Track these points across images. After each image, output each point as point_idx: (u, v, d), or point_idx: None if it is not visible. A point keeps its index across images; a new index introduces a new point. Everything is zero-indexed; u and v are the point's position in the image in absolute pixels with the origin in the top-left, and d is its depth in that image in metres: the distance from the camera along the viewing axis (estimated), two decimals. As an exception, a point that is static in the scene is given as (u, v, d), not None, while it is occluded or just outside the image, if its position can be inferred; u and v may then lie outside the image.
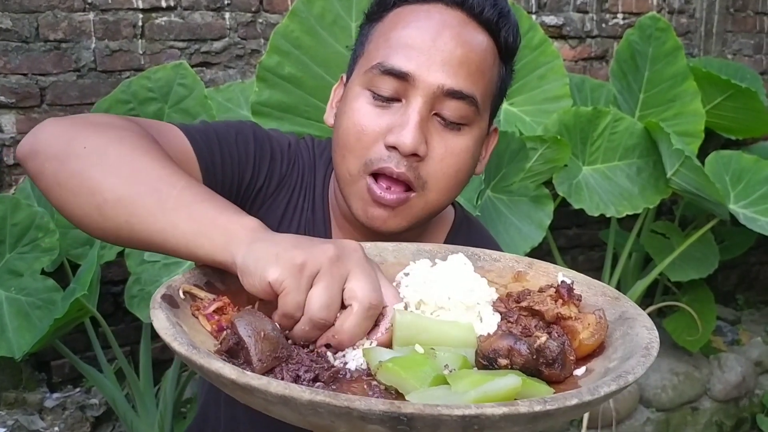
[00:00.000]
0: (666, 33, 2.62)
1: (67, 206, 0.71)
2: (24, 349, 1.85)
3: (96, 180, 0.68)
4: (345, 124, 0.84)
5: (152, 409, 2.16)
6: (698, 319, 2.76)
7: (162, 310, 0.56)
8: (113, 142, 0.71)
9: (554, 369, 0.56)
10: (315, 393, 0.44)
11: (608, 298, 0.67)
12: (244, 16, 2.46)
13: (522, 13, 2.47)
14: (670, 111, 2.66)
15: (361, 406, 0.43)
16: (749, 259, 3.56)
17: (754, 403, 2.99)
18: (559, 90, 2.48)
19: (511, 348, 0.56)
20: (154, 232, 0.67)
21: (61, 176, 0.70)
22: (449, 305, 0.64)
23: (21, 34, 2.17)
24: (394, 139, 0.80)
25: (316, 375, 0.55)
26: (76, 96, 2.26)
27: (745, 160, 2.64)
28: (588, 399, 0.47)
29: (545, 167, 2.30)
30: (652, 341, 0.57)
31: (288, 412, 0.46)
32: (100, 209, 0.68)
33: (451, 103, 0.82)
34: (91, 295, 1.89)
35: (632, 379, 0.51)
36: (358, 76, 0.85)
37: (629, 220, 2.72)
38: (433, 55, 0.81)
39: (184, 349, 0.50)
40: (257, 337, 0.55)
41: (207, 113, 2.02)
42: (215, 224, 0.64)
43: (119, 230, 0.69)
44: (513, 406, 0.44)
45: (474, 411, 0.43)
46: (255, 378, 0.46)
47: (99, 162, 0.69)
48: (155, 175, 0.68)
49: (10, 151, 2.22)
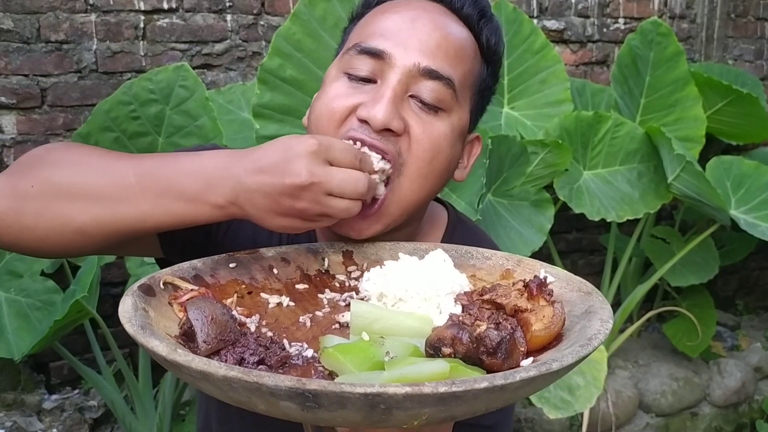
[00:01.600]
0: (667, 38, 2.63)
1: (47, 243, 0.73)
2: (23, 350, 1.85)
3: (63, 210, 0.71)
4: (318, 107, 0.82)
5: (151, 411, 2.16)
6: (698, 325, 2.76)
7: (132, 296, 0.59)
8: (53, 169, 0.73)
9: (496, 358, 0.55)
10: (229, 369, 0.46)
11: (582, 293, 0.67)
12: (246, 18, 2.46)
13: (523, 17, 2.47)
14: (671, 116, 2.67)
15: (269, 382, 0.45)
16: (749, 265, 3.56)
17: (753, 409, 2.99)
18: (560, 94, 2.48)
19: (455, 337, 0.56)
20: (142, 223, 0.70)
21: (26, 220, 0.72)
22: (407, 297, 0.65)
23: (22, 34, 2.17)
24: (365, 112, 0.78)
25: (261, 358, 0.57)
26: (77, 97, 2.26)
27: (746, 166, 2.64)
28: (500, 383, 0.46)
29: (546, 171, 2.30)
30: (599, 333, 0.56)
31: (211, 387, 0.49)
32: (83, 233, 0.71)
33: (428, 83, 0.80)
34: (91, 297, 1.88)
35: (557, 366, 0.50)
36: (335, 63, 0.85)
37: (629, 224, 2.72)
38: (411, 35, 0.80)
39: (133, 329, 0.54)
40: (205, 320, 0.58)
41: (208, 115, 2.02)
42: (182, 188, 0.69)
43: (109, 240, 0.72)
44: (417, 386, 0.44)
45: (377, 389, 0.44)
46: (181, 355, 0.49)
47: (55, 194, 0.71)
48: (107, 181, 0.71)
49: (10, 152, 2.21)
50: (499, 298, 0.64)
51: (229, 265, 0.71)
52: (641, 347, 3.02)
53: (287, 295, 0.71)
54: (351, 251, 0.78)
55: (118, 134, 1.99)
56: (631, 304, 2.78)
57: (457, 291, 0.67)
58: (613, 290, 2.83)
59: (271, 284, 0.72)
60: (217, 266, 0.71)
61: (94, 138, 1.96)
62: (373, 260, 0.77)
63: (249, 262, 0.73)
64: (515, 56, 2.47)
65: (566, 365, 0.50)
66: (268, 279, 0.72)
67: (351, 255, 0.78)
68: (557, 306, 0.62)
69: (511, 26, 2.45)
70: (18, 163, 0.76)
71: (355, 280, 0.75)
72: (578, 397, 2.25)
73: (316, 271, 0.76)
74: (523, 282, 0.65)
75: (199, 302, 0.60)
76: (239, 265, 0.72)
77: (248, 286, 0.70)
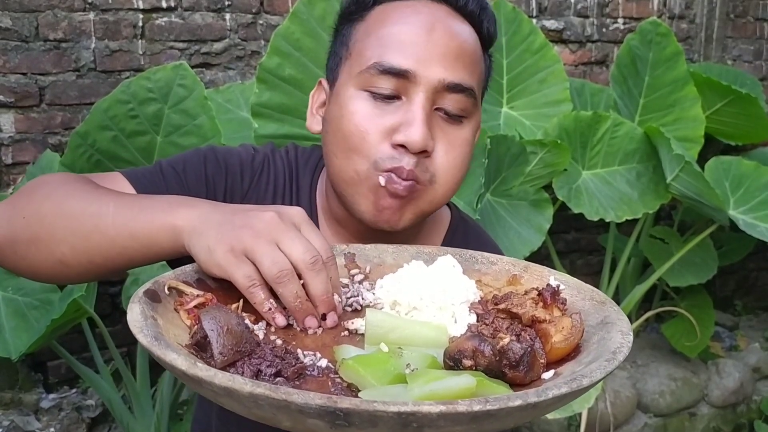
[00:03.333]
0: (666, 38, 2.62)
1: (38, 272, 0.78)
2: (21, 349, 1.85)
3: (47, 241, 0.74)
4: (346, 127, 0.82)
5: (149, 410, 2.15)
6: (696, 325, 2.76)
7: (139, 303, 0.58)
8: (43, 202, 0.76)
9: (518, 371, 0.55)
10: (256, 386, 0.45)
11: (595, 303, 0.66)
12: (245, 17, 2.45)
13: (523, 17, 2.47)
14: (670, 116, 2.66)
15: (299, 400, 0.43)
16: (748, 265, 3.56)
17: (751, 409, 2.99)
18: (559, 94, 2.47)
19: (476, 349, 0.55)
20: (116, 257, 0.73)
21: (19, 250, 0.76)
22: (422, 306, 0.64)
23: (21, 33, 2.17)
24: (403, 137, 0.79)
25: (278, 370, 0.56)
26: (76, 96, 2.26)
27: (744, 166, 2.64)
28: (534, 401, 0.46)
29: (545, 171, 2.30)
30: (623, 346, 0.56)
31: (234, 404, 0.48)
32: (63, 263, 0.75)
33: (452, 97, 0.82)
34: (89, 296, 1.88)
35: (587, 383, 0.50)
36: (351, 78, 0.84)
37: (628, 224, 2.72)
38: (430, 49, 0.80)
39: (147, 340, 0.52)
40: (220, 331, 0.56)
41: (207, 114, 2.01)
42: (156, 228, 0.71)
43: (89, 272, 0.76)
44: (451, 405, 0.44)
45: (410, 408, 0.43)
46: (203, 370, 0.47)
47: (41, 225, 0.75)
48: (87, 213, 0.74)
49: (8, 151, 2.21)
50: (514, 307, 0.64)
51: None
52: (640, 347, 3.02)
53: None
54: (353, 254, 0.77)
55: (116, 133, 1.98)
56: (629, 304, 2.78)
57: (471, 299, 0.67)
58: (611, 290, 2.83)
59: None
60: None
61: (92, 137, 1.96)
62: (375, 263, 0.76)
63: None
64: (514, 56, 2.46)
65: (595, 380, 0.50)
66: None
67: (353, 258, 0.77)
68: (575, 317, 0.61)
69: (510, 26, 2.44)
70: (20, 191, 0.81)
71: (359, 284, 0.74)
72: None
73: None
74: (537, 290, 0.65)
75: (212, 311, 0.58)
76: None
77: None
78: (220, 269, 0.64)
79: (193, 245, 0.67)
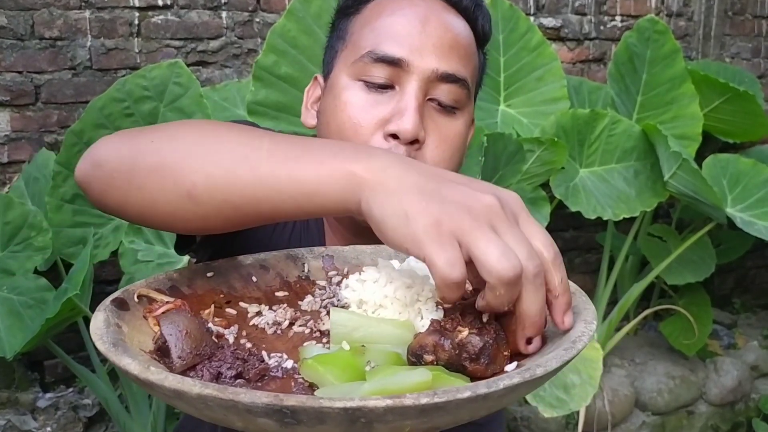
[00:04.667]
0: (664, 36, 2.62)
1: (155, 208, 0.63)
2: (16, 348, 1.84)
3: (177, 167, 0.61)
4: (339, 118, 0.82)
5: (145, 409, 2.15)
6: (694, 323, 2.76)
7: (104, 312, 0.57)
8: (179, 128, 0.65)
9: (479, 364, 0.54)
10: (204, 387, 0.44)
11: None
12: (241, 15, 2.45)
13: (520, 14, 2.46)
14: (668, 114, 2.66)
15: (245, 399, 0.43)
16: (746, 263, 3.56)
17: (750, 408, 2.99)
18: (556, 92, 2.47)
19: (436, 343, 0.54)
20: (260, 202, 0.59)
21: (137, 178, 0.63)
22: (387, 303, 0.63)
23: (16, 31, 2.16)
24: (395, 127, 0.79)
25: (239, 372, 0.56)
26: (71, 94, 2.25)
27: (742, 164, 2.64)
28: (483, 392, 0.45)
29: (542, 169, 2.30)
30: (583, 335, 0.54)
31: (186, 406, 0.47)
32: (191, 196, 0.60)
33: (445, 87, 0.82)
34: (84, 295, 1.87)
35: (541, 372, 0.48)
36: (345, 68, 0.84)
37: (626, 223, 2.72)
38: (424, 40, 0.81)
39: (104, 347, 0.51)
40: (179, 335, 0.56)
41: (203, 112, 2.01)
42: (325, 173, 0.56)
43: (220, 212, 0.61)
44: (398, 399, 0.43)
45: (357, 403, 0.43)
46: (154, 374, 0.47)
47: (173, 149, 0.62)
48: (235, 142, 0.60)
49: (4, 149, 2.20)
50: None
51: (207, 275, 0.70)
52: (638, 345, 3.02)
53: (266, 304, 0.69)
54: (331, 256, 0.77)
55: (111, 131, 1.97)
56: (627, 302, 2.78)
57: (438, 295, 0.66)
58: (609, 288, 2.83)
59: (250, 292, 0.70)
60: (194, 276, 0.69)
61: (87, 135, 1.95)
62: (354, 264, 0.76)
63: (227, 271, 0.71)
64: (511, 54, 2.46)
65: (550, 370, 0.49)
66: (246, 287, 0.71)
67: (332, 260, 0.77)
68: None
69: (507, 23, 2.44)
70: (144, 127, 0.70)
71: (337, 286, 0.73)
72: (574, 396, 2.24)
73: (296, 278, 0.74)
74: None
75: (172, 316, 0.58)
76: (216, 274, 0.70)
77: (226, 296, 0.69)
78: (415, 244, 0.50)
79: (377, 205, 0.52)
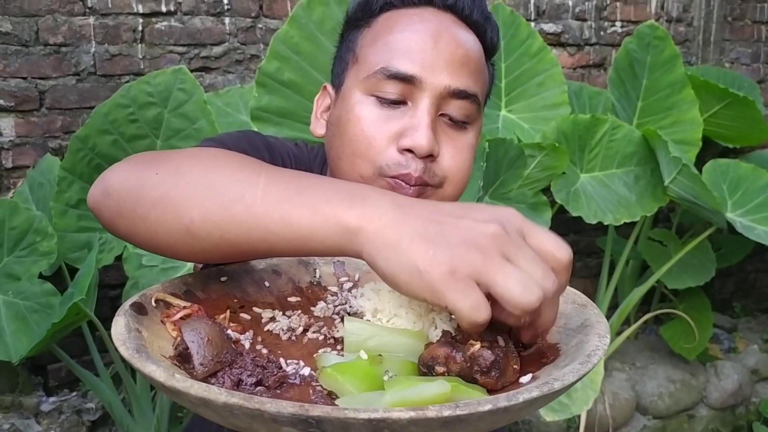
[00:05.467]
0: (664, 41, 2.63)
1: (157, 239, 0.65)
2: (21, 353, 1.85)
3: (178, 202, 0.63)
4: (352, 131, 0.83)
5: (149, 413, 2.16)
6: (695, 327, 2.77)
7: (124, 317, 0.58)
8: (185, 160, 0.66)
9: (490, 377, 0.55)
10: (230, 396, 0.45)
11: (576, 306, 0.66)
12: (244, 22, 2.46)
13: (521, 20, 2.48)
14: (668, 119, 2.67)
15: (271, 409, 0.44)
16: (746, 267, 3.57)
17: (750, 411, 2.99)
18: (557, 97, 2.48)
19: (448, 355, 0.56)
20: (256, 242, 0.60)
21: (141, 209, 0.65)
22: (402, 313, 0.64)
23: (21, 37, 2.18)
24: (410, 142, 0.80)
25: (259, 379, 0.56)
26: (75, 100, 2.27)
27: (742, 169, 2.65)
28: (504, 405, 0.46)
29: (543, 174, 2.31)
30: (598, 349, 0.55)
31: (212, 413, 0.48)
32: (189, 231, 0.62)
33: (457, 103, 0.83)
34: (89, 299, 1.88)
35: (558, 386, 0.49)
36: (357, 83, 0.85)
37: (627, 227, 2.73)
38: (436, 56, 0.82)
39: (128, 353, 0.52)
40: (201, 342, 0.56)
41: (206, 118, 2.02)
42: (319, 221, 0.56)
43: (218, 248, 0.62)
44: (421, 411, 0.44)
45: (381, 414, 0.44)
46: (180, 381, 0.47)
47: (176, 183, 0.63)
48: (234, 178, 0.62)
49: (8, 155, 2.22)
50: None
51: (220, 279, 0.70)
52: (638, 349, 3.03)
53: (280, 309, 0.70)
54: (342, 262, 0.77)
55: (116, 137, 1.99)
56: (628, 306, 2.79)
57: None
58: (610, 293, 2.84)
59: (263, 297, 0.71)
60: (208, 281, 0.69)
61: (92, 141, 1.97)
62: (365, 271, 0.76)
63: (240, 276, 0.72)
64: (512, 59, 2.47)
65: (567, 384, 0.50)
66: (259, 292, 0.71)
67: (343, 266, 0.77)
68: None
69: (508, 29, 2.45)
70: (150, 152, 0.71)
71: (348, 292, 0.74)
72: (575, 400, 2.25)
73: (307, 284, 0.75)
74: None
75: (194, 323, 0.59)
76: (230, 279, 0.71)
77: (240, 300, 0.69)
78: (435, 294, 0.50)
79: (382, 259, 0.52)
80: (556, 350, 0.60)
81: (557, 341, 0.62)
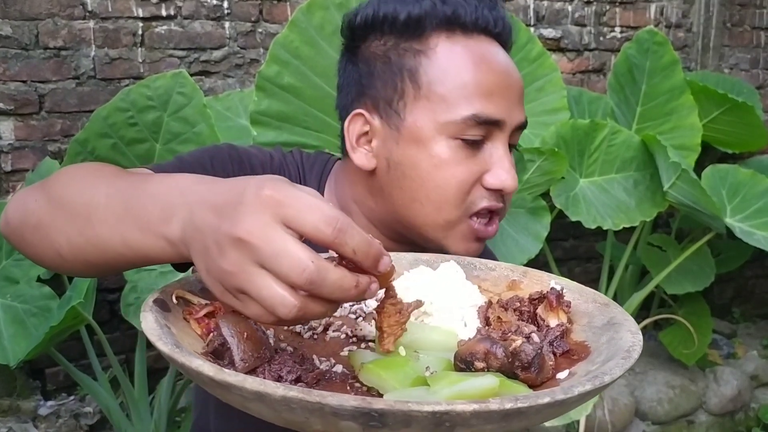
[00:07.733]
0: (663, 47, 2.64)
1: (44, 262, 0.71)
2: (19, 356, 1.85)
3: (49, 229, 0.67)
4: (441, 177, 0.83)
5: (147, 417, 2.15)
6: (694, 332, 2.76)
7: (152, 312, 0.57)
8: (54, 184, 0.70)
9: (530, 372, 0.56)
10: (288, 389, 0.45)
11: (598, 305, 0.68)
12: (244, 26, 2.46)
13: (520, 25, 2.48)
14: (667, 124, 2.68)
15: (333, 402, 0.44)
16: (745, 273, 3.57)
17: (749, 417, 2.99)
18: (556, 102, 2.49)
19: (488, 351, 0.56)
20: (115, 261, 0.63)
21: (28, 236, 0.70)
22: (432, 311, 0.65)
23: (21, 41, 2.18)
24: (499, 184, 0.83)
25: (299, 376, 0.56)
26: (75, 103, 2.27)
27: (741, 174, 2.65)
28: (561, 398, 0.47)
29: (543, 179, 2.31)
30: (635, 345, 0.57)
31: (264, 408, 0.47)
32: (61, 256, 0.67)
33: (518, 133, 0.88)
34: (87, 303, 1.88)
35: (608, 380, 0.51)
36: (436, 125, 0.83)
37: (626, 232, 2.73)
38: (511, 96, 0.85)
39: (167, 348, 0.51)
40: (240, 337, 0.56)
41: (206, 122, 2.02)
42: (150, 241, 0.59)
43: (90, 268, 0.67)
44: (484, 403, 0.45)
45: (444, 407, 0.44)
46: (232, 375, 0.47)
47: (48, 210, 0.68)
48: (83, 201, 0.65)
49: (8, 158, 2.22)
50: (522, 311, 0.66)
51: None
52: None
53: None
54: None
55: (115, 141, 1.99)
56: (627, 311, 2.78)
57: (479, 303, 0.68)
58: (609, 298, 2.84)
59: None
60: None
61: (91, 144, 1.97)
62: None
63: None
64: (512, 64, 2.47)
65: (615, 377, 0.52)
66: None
67: None
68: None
69: (508, 34, 2.45)
70: (51, 176, 0.74)
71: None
72: (574, 405, 2.25)
73: None
74: (541, 294, 0.66)
75: (229, 318, 0.58)
76: None
77: None
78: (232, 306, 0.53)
79: (197, 266, 0.55)
80: (585, 348, 0.61)
81: (584, 339, 0.63)
